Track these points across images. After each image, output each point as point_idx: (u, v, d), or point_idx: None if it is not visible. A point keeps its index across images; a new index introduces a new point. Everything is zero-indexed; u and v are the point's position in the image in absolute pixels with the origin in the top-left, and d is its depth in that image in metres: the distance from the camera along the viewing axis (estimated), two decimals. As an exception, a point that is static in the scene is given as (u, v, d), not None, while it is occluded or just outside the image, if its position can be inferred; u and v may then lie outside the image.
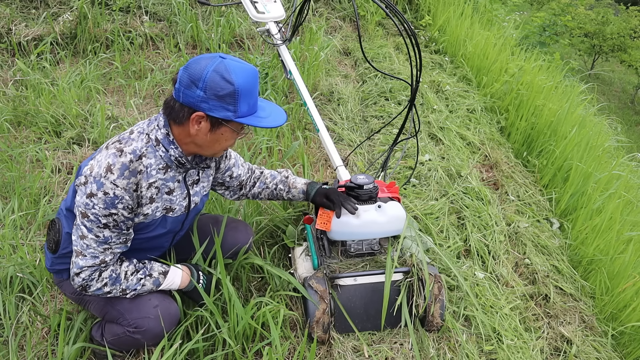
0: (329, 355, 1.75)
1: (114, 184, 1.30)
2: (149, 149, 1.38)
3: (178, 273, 1.57)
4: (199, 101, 1.29)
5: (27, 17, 3.56)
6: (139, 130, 1.40)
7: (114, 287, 1.44)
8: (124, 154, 1.33)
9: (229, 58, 1.32)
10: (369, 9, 4.50)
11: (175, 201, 1.49)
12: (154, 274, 1.51)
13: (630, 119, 11.15)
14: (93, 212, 1.32)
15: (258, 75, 1.38)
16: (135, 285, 1.47)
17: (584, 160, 2.92)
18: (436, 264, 2.10)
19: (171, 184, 1.46)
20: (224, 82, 1.27)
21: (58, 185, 2.40)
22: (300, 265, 1.92)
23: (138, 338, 1.49)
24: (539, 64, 4.00)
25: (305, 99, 2.23)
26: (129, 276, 1.46)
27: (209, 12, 4.00)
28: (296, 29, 2.40)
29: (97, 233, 1.35)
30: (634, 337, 2.05)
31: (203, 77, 1.26)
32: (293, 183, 1.87)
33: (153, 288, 1.52)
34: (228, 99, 1.29)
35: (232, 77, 1.27)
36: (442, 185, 2.71)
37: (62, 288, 1.60)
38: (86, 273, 1.39)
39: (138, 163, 1.35)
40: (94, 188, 1.30)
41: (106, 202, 1.31)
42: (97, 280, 1.41)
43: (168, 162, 1.41)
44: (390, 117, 3.22)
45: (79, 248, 1.38)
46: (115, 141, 1.37)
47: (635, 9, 12.12)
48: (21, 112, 2.81)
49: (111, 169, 1.31)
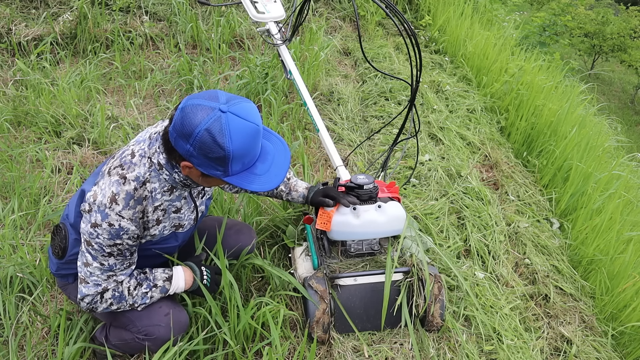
0: (329, 355, 1.75)
1: (119, 215, 1.28)
2: (152, 173, 1.33)
3: (181, 275, 1.55)
4: (188, 155, 1.21)
5: (27, 17, 3.56)
6: (140, 153, 1.34)
7: (120, 304, 1.44)
8: (128, 182, 1.30)
9: (231, 111, 1.18)
10: (369, 9, 4.50)
11: (184, 217, 1.49)
12: (159, 283, 1.50)
13: (630, 119, 11.15)
14: (97, 241, 1.30)
15: (260, 131, 1.26)
16: (144, 300, 1.46)
17: (584, 160, 2.92)
18: (436, 264, 2.10)
19: (178, 203, 1.44)
20: (215, 145, 1.16)
21: (58, 185, 2.40)
22: (300, 265, 1.92)
23: (147, 345, 1.49)
24: (539, 64, 4.00)
25: (305, 99, 2.23)
26: (132, 292, 1.44)
27: (209, 12, 4.00)
28: (296, 29, 2.40)
29: (101, 261, 1.34)
30: (634, 337, 2.05)
31: (194, 134, 1.16)
32: (294, 186, 1.86)
33: (162, 296, 1.51)
34: (218, 161, 1.20)
35: (225, 141, 1.16)
36: (442, 185, 2.71)
37: (66, 292, 1.59)
38: (88, 299, 1.40)
39: (142, 190, 1.32)
40: (99, 218, 1.28)
41: (111, 233, 1.29)
42: (100, 302, 1.41)
43: (173, 183, 1.36)
44: (390, 117, 3.22)
45: (83, 275, 1.37)
46: (117, 166, 1.32)
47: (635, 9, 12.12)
48: (21, 112, 2.81)
49: (116, 199, 1.27)
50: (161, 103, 3.17)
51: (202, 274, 1.59)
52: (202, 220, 1.81)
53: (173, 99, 3.22)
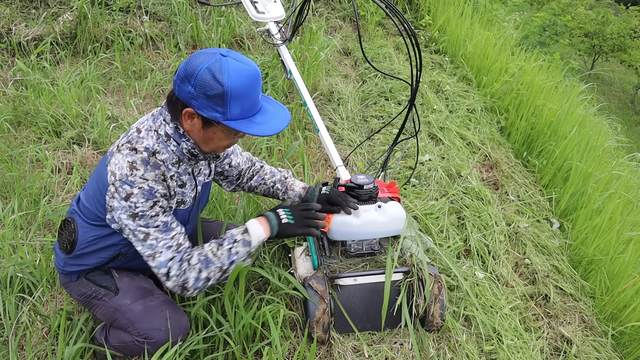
0: (329, 355, 1.75)
1: (143, 178, 1.30)
2: (160, 144, 1.36)
3: (256, 223, 1.49)
4: (189, 97, 1.26)
5: (27, 17, 3.56)
6: (145, 127, 1.37)
7: (210, 270, 1.40)
8: (139, 152, 1.32)
9: (231, 56, 1.27)
10: (369, 9, 4.50)
11: (187, 193, 1.50)
12: (238, 237, 1.45)
13: (630, 119, 11.15)
14: (139, 209, 1.31)
15: (259, 77, 1.32)
16: (231, 257, 1.42)
17: (584, 160, 2.92)
18: (436, 264, 2.10)
19: (184, 177, 1.46)
20: (214, 82, 1.23)
21: (58, 185, 2.40)
22: (300, 265, 1.92)
23: (147, 348, 1.47)
24: (539, 64, 4.00)
25: (305, 99, 2.23)
26: (217, 252, 1.41)
27: (209, 12, 4.00)
28: (296, 29, 2.40)
29: (155, 224, 1.34)
30: (634, 337, 2.05)
31: (195, 73, 1.23)
32: (291, 185, 1.86)
33: (247, 250, 1.45)
34: (217, 100, 1.25)
35: (223, 78, 1.23)
36: (442, 185, 2.71)
37: (68, 289, 1.58)
38: (175, 267, 1.37)
39: (154, 158, 1.34)
40: (128, 189, 1.30)
41: (145, 195, 1.31)
42: (189, 269, 1.38)
43: (180, 155, 1.40)
44: (390, 117, 3.22)
45: (150, 250, 1.36)
46: (125, 142, 1.35)
47: (635, 9, 12.13)
48: (21, 112, 2.81)
49: (134, 166, 1.30)
50: (161, 103, 3.17)
51: (278, 216, 1.52)
52: (207, 224, 1.82)
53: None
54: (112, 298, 1.51)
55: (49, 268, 1.91)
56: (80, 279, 1.55)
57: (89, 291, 1.53)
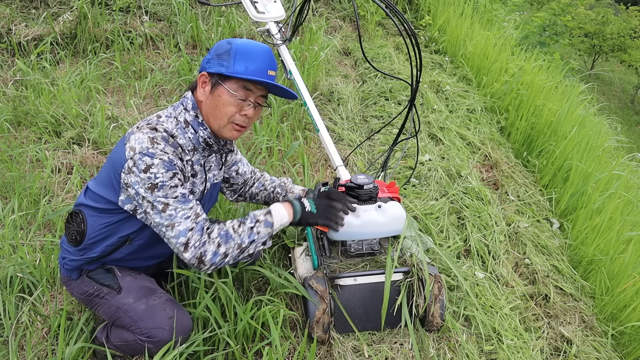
0: (329, 355, 1.75)
1: (163, 151, 1.34)
2: (178, 130, 1.44)
3: (280, 207, 1.51)
4: (205, 62, 1.45)
5: (27, 17, 3.56)
6: (166, 114, 1.46)
7: (229, 246, 1.39)
8: (159, 131, 1.38)
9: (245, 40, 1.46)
10: (369, 9, 4.50)
11: (197, 184, 1.53)
12: (260, 218, 1.46)
13: (630, 119, 11.15)
14: (159, 180, 1.33)
15: (269, 51, 1.47)
16: (251, 237, 1.42)
17: (584, 160, 2.92)
18: (436, 264, 2.10)
19: (196, 166, 1.50)
20: (225, 43, 1.44)
21: (58, 185, 2.40)
22: (300, 265, 1.92)
23: (149, 347, 1.47)
24: (539, 64, 4.01)
25: (305, 99, 2.23)
26: (237, 229, 1.42)
27: (209, 12, 4.00)
28: (296, 29, 2.39)
29: (174, 194, 1.35)
30: (634, 337, 2.05)
31: (216, 45, 1.46)
32: (291, 188, 1.91)
33: (268, 231, 1.46)
34: (224, 55, 1.41)
35: (233, 40, 1.43)
36: (442, 185, 2.71)
37: (69, 288, 1.58)
38: (195, 237, 1.35)
39: (173, 139, 1.40)
40: (148, 160, 1.32)
41: (165, 166, 1.34)
42: (208, 242, 1.37)
43: (196, 144, 1.47)
44: (390, 117, 3.22)
45: (169, 221, 1.34)
46: (145, 124, 1.41)
47: (635, 9, 12.13)
48: (21, 112, 2.81)
49: (155, 140, 1.35)
50: (161, 103, 3.17)
51: (302, 204, 1.55)
52: None
53: (173, 99, 3.22)
54: (115, 296, 1.51)
55: (49, 268, 1.91)
56: (82, 277, 1.55)
57: (91, 289, 1.53)
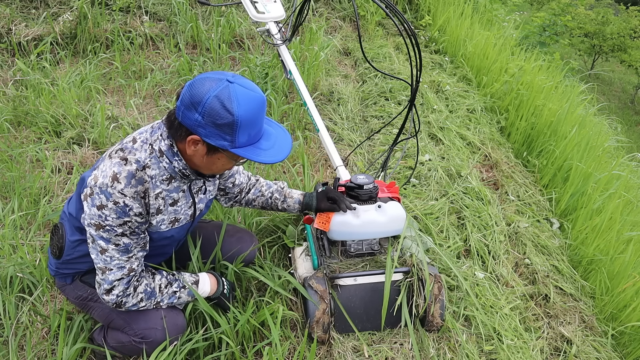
0: (329, 355, 1.75)
1: (121, 193, 1.27)
2: (152, 159, 1.33)
3: (207, 280, 1.60)
4: (196, 125, 1.23)
5: (27, 17, 3.56)
6: (142, 139, 1.35)
7: (149, 301, 1.44)
8: (129, 163, 1.30)
9: (237, 82, 1.23)
10: (369, 9, 4.49)
11: (180, 211, 1.47)
12: (187, 284, 1.53)
13: (630, 119, 11.15)
14: (107, 223, 1.29)
15: (265, 103, 1.30)
16: (171, 299, 1.49)
17: (584, 160, 2.92)
18: (436, 264, 2.10)
19: (175, 194, 1.42)
20: (223, 110, 1.20)
21: (58, 185, 2.40)
22: (300, 265, 1.92)
23: (144, 348, 1.48)
24: (539, 64, 4.00)
25: (305, 99, 2.23)
26: (163, 289, 1.47)
27: (209, 12, 4.00)
28: (296, 29, 2.40)
29: (115, 242, 1.33)
30: (634, 337, 2.05)
31: (203, 101, 1.19)
32: (289, 193, 1.88)
33: (188, 299, 1.54)
34: (226, 128, 1.22)
35: (233, 107, 1.20)
36: (442, 185, 2.71)
37: (64, 292, 1.59)
38: (119, 288, 1.37)
39: (143, 173, 1.32)
40: (103, 199, 1.27)
41: (118, 212, 1.28)
42: (132, 296, 1.40)
43: (172, 173, 1.37)
44: (390, 117, 3.22)
45: (103, 264, 1.35)
46: (118, 149, 1.33)
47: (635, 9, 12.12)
48: (21, 112, 2.81)
49: (117, 177, 1.27)
50: (161, 103, 3.17)
51: (223, 284, 1.65)
52: (203, 225, 1.82)
53: (173, 99, 3.22)
54: None
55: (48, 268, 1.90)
56: (75, 282, 1.55)
57: (84, 294, 1.54)
